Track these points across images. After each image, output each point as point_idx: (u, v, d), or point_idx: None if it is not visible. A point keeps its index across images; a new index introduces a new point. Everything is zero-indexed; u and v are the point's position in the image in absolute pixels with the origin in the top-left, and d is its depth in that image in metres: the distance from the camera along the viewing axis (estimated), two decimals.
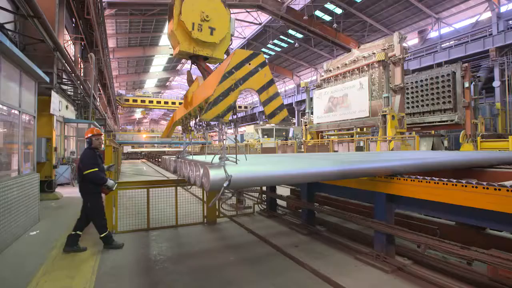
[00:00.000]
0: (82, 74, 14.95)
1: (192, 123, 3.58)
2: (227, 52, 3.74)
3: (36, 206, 5.16)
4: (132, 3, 19.41)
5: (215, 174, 1.42)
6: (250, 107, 44.14)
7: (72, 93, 12.40)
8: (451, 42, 20.55)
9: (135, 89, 43.87)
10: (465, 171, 3.83)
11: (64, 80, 10.33)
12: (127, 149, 41.12)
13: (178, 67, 40.77)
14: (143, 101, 37.40)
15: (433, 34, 23.42)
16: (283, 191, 6.17)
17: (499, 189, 1.88)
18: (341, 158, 2.79)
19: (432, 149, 12.31)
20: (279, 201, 5.74)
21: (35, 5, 5.64)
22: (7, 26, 5.98)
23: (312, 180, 1.95)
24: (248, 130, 32.17)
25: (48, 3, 7.59)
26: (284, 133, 24.80)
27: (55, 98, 8.06)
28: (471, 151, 9.87)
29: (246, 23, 27.01)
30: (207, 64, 3.61)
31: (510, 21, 17.65)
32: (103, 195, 3.90)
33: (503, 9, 18.25)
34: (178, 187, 4.98)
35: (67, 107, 11.38)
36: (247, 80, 2.25)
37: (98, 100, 20.30)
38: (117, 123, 44.87)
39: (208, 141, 38.30)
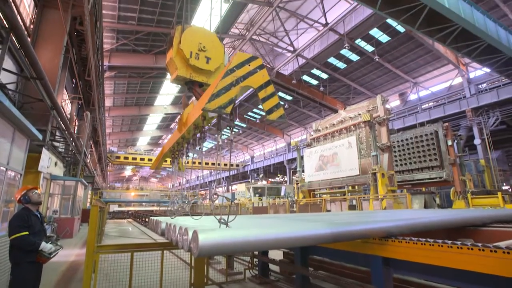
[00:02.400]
0: (75, 132, 15.13)
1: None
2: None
3: (8, 272, 4.72)
4: (131, 67, 20.68)
5: (205, 238, 1.36)
6: (242, 165, 44.34)
7: (63, 150, 12.37)
8: (430, 104, 22.00)
9: (128, 146, 44.15)
10: (460, 231, 3.77)
11: (57, 137, 10.39)
12: (114, 207, 39.60)
13: (172, 126, 41.81)
14: (134, 159, 37.33)
15: (412, 97, 25.16)
16: (276, 254, 5.87)
17: (495, 251, 1.83)
18: (334, 219, 2.74)
19: (425, 206, 12.26)
20: (272, 266, 5.41)
21: (39, 69, 5.94)
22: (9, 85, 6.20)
23: (305, 244, 1.88)
24: (239, 188, 31.82)
25: (52, 66, 8.02)
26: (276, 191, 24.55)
27: (46, 155, 8.00)
28: (464, 208, 9.86)
29: None
30: (202, 91, 3.77)
31: (480, 85, 19.28)
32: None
33: (471, 75, 20.08)
34: (165, 251, 4.69)
35: (56, 163, 11.24)
36: (247, 78, 2.54)
37: (89, 157, 20.21)
38: (106, 181, 43.98)
39: (198, 200, 37.43)
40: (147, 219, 20.53)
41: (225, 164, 44.34)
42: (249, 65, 2.53)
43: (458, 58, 19.56)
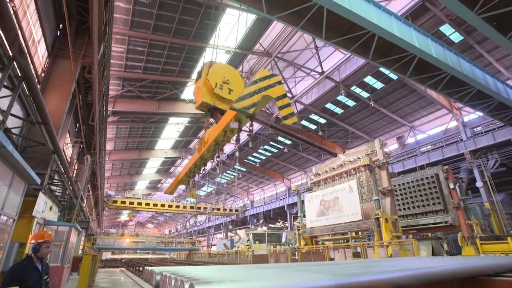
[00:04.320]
0: (74, 175, 15.06)
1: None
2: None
3: None
4: (134, 112, 21.28)
5: None
6: (242, 210, 43.35)
7: (60, 194, 12.17)
8: (428, 147, 22.25)
9: (126, 190, 43.59)
10: (471, 281, 3.56)
11: (55, 180, 10.30)
12: (107, 255, 37.79)
13: (171, 170, 41.72)
14: (131, 203, 36.54)
15: (410, 140, 25.52)
16: None
17: None
18: (337, 269, 2.60)
19: (433, 253, 11.72)
20: None
21: (45, 114, 6.10)
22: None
23: None
24: (239, 235, 30.74)
25: (58, 111, 8.24)
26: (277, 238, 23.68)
27: (41, 199, 7.86)
28: (474, 255, 9.41)
29: None
30: (221, 117, 4.36)
31: (475, 128, 19.67)
32: None
33: (466, 119, 20.60)
34: None
35: (51, 208, 10.98)
36: (267, 89, 3.23)
37: (86, 201, 19.83)
38: (101, 226, 42.60)
39: (196, 247, 35.91)
40: (141, 268, 19.45)
41: (225, 209, 43.36)
42: (269, 80, 3.26)
43: (451, 103, 20.23)
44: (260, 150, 32.22)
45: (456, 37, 16.43)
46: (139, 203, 36.96)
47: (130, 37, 16.19)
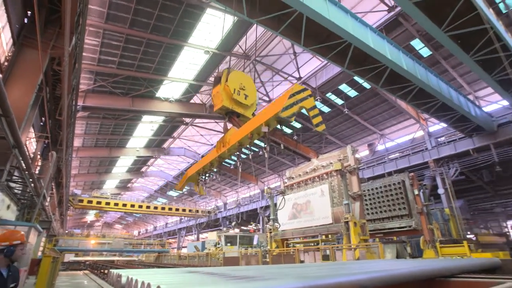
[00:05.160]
0: (37, 172, 14.17)
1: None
2: (252, 115, 5.18)
3: None
4: (106, 108, 20.46)
5: None
6: (214, 212, 42.91)
7: (19, 191, 11.41)
8: (396, 154, 23.30)
9: (93, 189, 41.69)
10: (430, 282, 3.77)
11: (14, 177, 9.65)
12: (69, 257, 35.83)
13: (143, 169, 40.50)
14: (99, 203, 34.96)
15: (380, 147, 26.60)
16: None
17: None
18: (306, 272, 2.66)
19: (397, 256, 12.27)
20: None
21: (7, 106, 5.69)
22: None
23: None
24: (210, 237, 30.39)
25: (22, 104, 7.73)
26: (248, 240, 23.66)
27: None
28: (433, 258, 9.97)
29: (214, 132, 29.04)
30: (239, 120, 4.92)
31: (439, 138, 20.91)
32: None
33: (431, 129, 21.83)
34: None
35: (8, 206, 10.25)
36: (303, 101, 3.81)
37: (49, 200, 18.73)
38: (64, 226, 40.40)
39: (166, 249, 35.05)
40: (106, 271, 18.65)
41: (197, 211, 42.73)
42: (303, 93, 3.89)
43: (418, 114, 21.35)
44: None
45: (425, 51, 17.42)
46: (107, 203, 35.45)
47: (105, 30, 15.58)
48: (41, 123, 14.23)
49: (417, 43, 16.93)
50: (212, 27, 16.34)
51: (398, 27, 15.75)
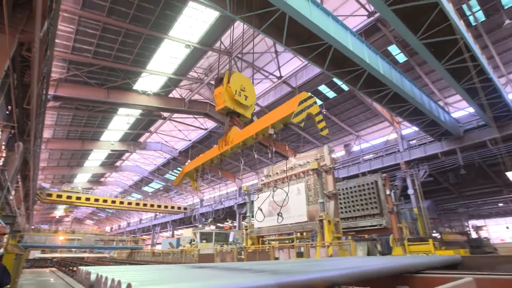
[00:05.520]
0: (1, 163, 13.33)
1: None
2: (252, 115, 5.56)
3: None
4: (80, 99, 19.59)
5: None
6: (190, 208, 42.40)
7: None
8: (370, 155, 24.09)
9: (63, 183, 39.85)
10: (398, 278, 3.94)
11: None
12: (35, 254, 34.13)
13: (118, 163, 39.25)
14: (69, 197, 33.41)
15: (356, 148, 27.38)
16: None
17: None
18: (280, 269, 2.70)
19: (368, 253, 12.72)
20: None
21: None
22: None
23: None
24: (185, 233, 30.04)
25: None
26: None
27: None
28: (401, 255, 10.43)
29: (193, 128, 28.65)
30: (240, 120, 5.29)
31: (411, 141, 21.86)
32: None
33: (404, 132, 22.75)
34: None
35: None
36: (309, 108, 4.17)
37: (13, 193, 17.71)
38: (30, 222, 38.36)
39: (139, 246, 34.27)
40: (75, 268, 17.95)
41: (173, 207, 42.06)
42: (310, 100, 4.22)
43: (392, 117, 22.17)
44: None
45: (401, 57, 18.10)
46: (78, 198, 33.98)
47: (80, 17, 14.88)
48: (7, 112, 13.39)
49: (393, 49, 17.55)
50: (194, 20, 16.06)
51: (376, 32, 16.25)
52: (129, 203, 38.80)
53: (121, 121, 26.76)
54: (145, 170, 40.33)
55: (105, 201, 36.11)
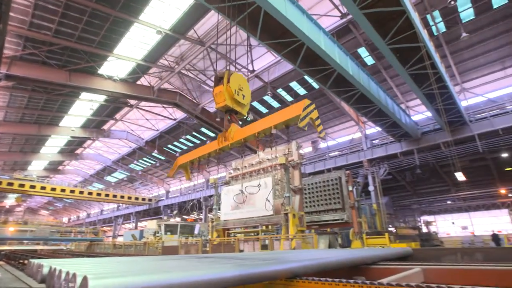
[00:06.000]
0: None
1: None
2: (248, 112, 5.91)
3: None
4: (37, 80, 18.12)
5: (96, 286, 1.19)
6: (155, 200, 41.31)
7: None
8: (336, 153, 25.01)
9: (15, 170, 36.84)
10: (355, 269, 4.17)
11: None
12: None
13: (78, 151, 37.07)
14: (21, 185, 31.01)
15: (323, 145, 28.25)
16: None
17: (378, 287, 2.07)
18: (244, 260, 2.75)
19: (329, 246, 13.27)
20: None
21: None
22: None
23: None
24: (149, 225, 29.24)
25: None
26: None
27: None
28: (359, 248, 11.02)
29: (161, 117, 27.78)
30: (237, 117, 5.75)
31: (374, 141, 23.00)
32: None
33: (368, 132, 23.86)
34: None
35: None
36: (310, 114, 5.08)
37: None
38: None
39: (99, 238, 32.85)
40: (26, 261, 16.77)
41: (137, 198, 40.73)
42: (311, 106, 5.02)
43: (358, 117, 23.12)
44: (181, 140, 31.19)
45: (369, 60, 18.86)
46: (32, 186, 31.65)
47: None
48: None
49: (363, 51, 18.24)
50: (166, 6, 15.46)
51: (348, 34, 16.76)
52: (90, 193, 36.91)
53: (84, 107, 25.23)
54: (108, 159, 38.52)
55: (63, 190, 34.02)
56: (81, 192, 35.86)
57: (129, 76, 20.79)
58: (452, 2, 12.66)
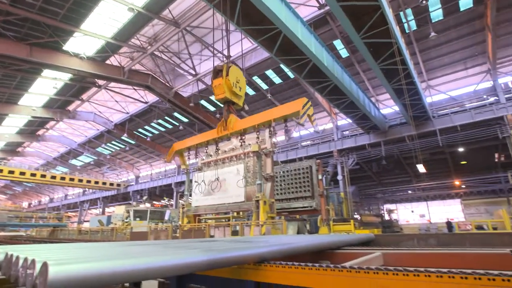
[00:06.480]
0: None
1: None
2: (243, 104, 6.48)
3: None
4: None
5: (58, 272, 1.14)
6: (124, 185, 40.10)
7: None
8: (308, 142, 25.56)
9: None
10: (321, 254, 4.36)
11: None
12: None
13: (40, 132, 34.78)
14: None
15: (295, 134, 28.72)
16: (153, 284, 5.38)
17: (341, 270, 2.19)
18: (212, 246, 2.77)
19: (298, 232, 13.73)
20: None
21: None
22: None
23: (179, 273, 1.83)
24: (117, 211, 28.43)
25: None
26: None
27: None
28: (326, 234, 11.51)
29: (132, 100, 26.67)
30: (234, 108, 6.33)
31: (344, 132, 23.76)
32: None
33: (339, 123, 24.57)
34: None
35: None
36: (308, 109, 6.60)
37: None
38: None
39: (63, 223, 31.49)
40: None
41: (104, 183, 39.32)
42: (308, 104, 6.04)
43: (331, 108, 23.68)
44: (153, 124, 30.25)
45: (344, 52, 19.21)
46: None
47: None
48: None
49: (338, 44, 18.53)
50: None
51: (325, 25, 16.89)
52: (53, 177, 35.03)
53: (47, 85, 23.56)
54: (74, 142, 36.57)
55: (22, 173, 32.00)
56: (43, 176, 33.93)
57: (98, 54, 19.62)
58: (424, 2, 13.13)
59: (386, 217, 29.32)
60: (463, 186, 28.29)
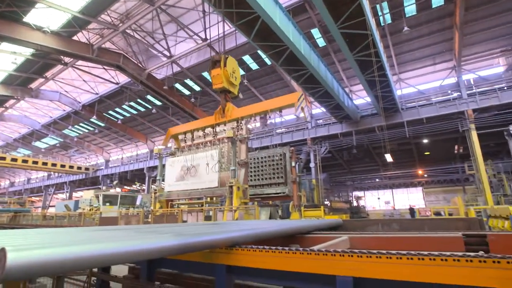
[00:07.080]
0: None
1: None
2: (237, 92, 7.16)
3: None
4: None
5: (16, 257, 1.08)
6: (93, 169, 38.56)
7: None
8: (282, 129, 25.84)
9: None
10: (292, 238, 4.50)
11: None
12: None
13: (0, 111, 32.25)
14: None
15: (270, 121, 28.87)
16: (122, 269, 5.30)
17: (309, 253, 2.28)
18: (184, 230, 2.77)
19: (270, 217, 14.03)
20: (114, 284, 4.84)
21: None
22: None
23: (149, 257, 1.81)
24: (85, 195, 27.40)
25: None
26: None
27: None
28: (297, 219, 11.88)
29: (101, 80, 25.32)
30: (229, 97, 7.05)
31: (318, 121, 24.24)
32: None
33: (314, 112, 24.99)
34: None
35: None
36: (302, 102, 8.11)
37: None
38: None
39: (26, 209, 29.90)
40: None
41: (71, 167, 37.60)
42: (302, 96, 7.37)
43: (306, 96, 23.95)
44: (124, 106, 29.05)
45: (321, 42, 19.35)
46: None
47: None
48: None
49: (316, 32, 18.60)
50: None
51: (303, 13, 16.84)
52: (14, 160, 32.89)
53: (5, 60, 21.71)
54: (37, 123, 34.33)
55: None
56: (3, 158, 31.74)
57: (63, 29, 18.28)
58: None
59: (354, 204, 30.71)
60: (425, 176, 30.18)
